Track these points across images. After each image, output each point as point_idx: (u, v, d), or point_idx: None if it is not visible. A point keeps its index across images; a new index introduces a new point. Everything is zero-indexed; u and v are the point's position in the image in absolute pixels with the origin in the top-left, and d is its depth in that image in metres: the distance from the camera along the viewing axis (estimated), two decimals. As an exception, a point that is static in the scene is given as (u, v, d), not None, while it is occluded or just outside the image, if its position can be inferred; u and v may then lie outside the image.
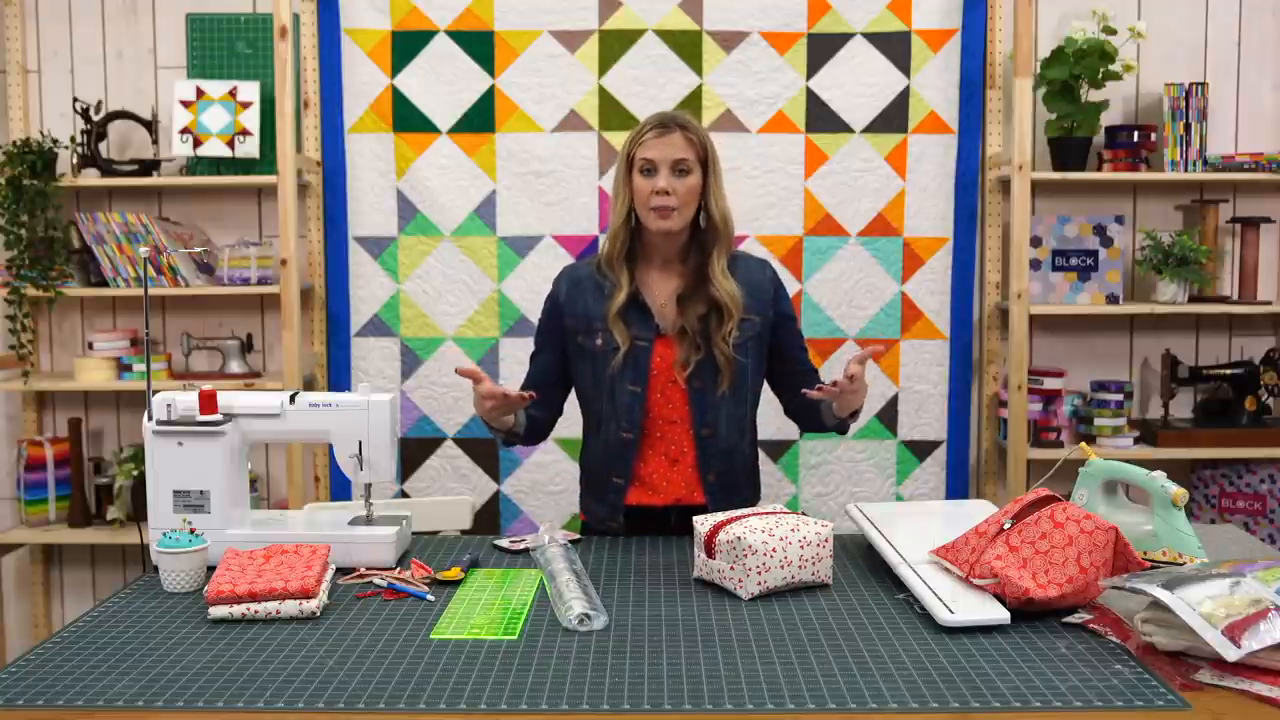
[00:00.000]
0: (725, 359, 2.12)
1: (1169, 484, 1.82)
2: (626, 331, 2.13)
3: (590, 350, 2.17)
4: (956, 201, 3.23)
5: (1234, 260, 3.33)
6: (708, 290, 2.12)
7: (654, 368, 2.15)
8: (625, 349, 2.12)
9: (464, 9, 3.17)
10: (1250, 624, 1.35)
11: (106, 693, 1.37)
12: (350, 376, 3.25)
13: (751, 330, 2.16)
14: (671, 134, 2.09)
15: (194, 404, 1.89)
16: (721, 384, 2.13)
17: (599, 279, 2.18)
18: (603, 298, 2.16)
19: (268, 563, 1.72)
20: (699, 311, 2.12)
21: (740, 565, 1.72)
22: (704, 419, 2.15)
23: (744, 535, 1.72)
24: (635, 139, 2.12)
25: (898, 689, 1.36)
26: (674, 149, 2.08)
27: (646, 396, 2.15)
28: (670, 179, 2.07)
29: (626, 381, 2.14)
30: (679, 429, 2.17)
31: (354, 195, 3.23)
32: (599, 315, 2.15)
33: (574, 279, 2.22)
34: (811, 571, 1.76)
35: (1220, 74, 3.32)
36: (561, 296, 2.21)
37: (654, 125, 2.10)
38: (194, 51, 3.26)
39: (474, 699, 1.34)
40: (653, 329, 2.15)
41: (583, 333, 2.18)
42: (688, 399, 2.15)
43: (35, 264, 3.12)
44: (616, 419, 2.16)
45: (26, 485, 3.25)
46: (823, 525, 1.79)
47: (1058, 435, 3.20)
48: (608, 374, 2.15)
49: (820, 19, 3.16)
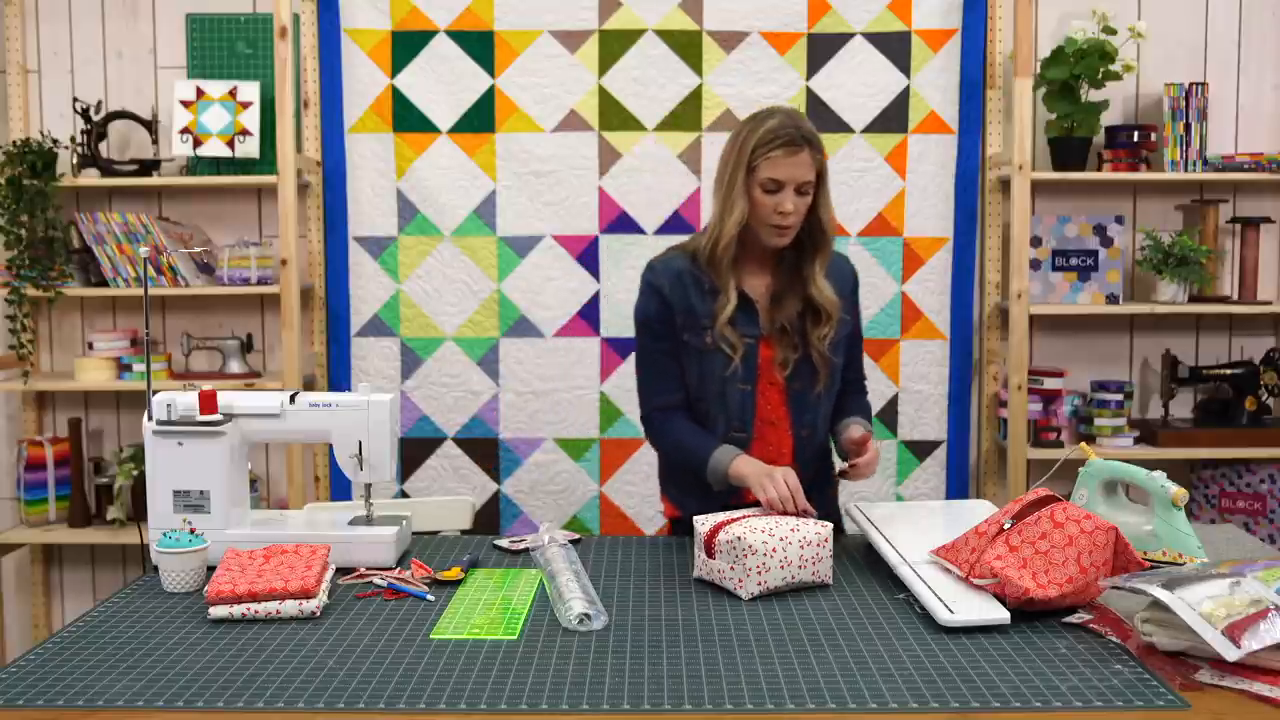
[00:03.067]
0: (822, 359, 2.09)
1: (1169, 484, 1.82)
2: (738, 334, 2.07)
3: (697, 348, 2.09)
4: (956, 201, 3.23)
5: (1234, 260, 3.34)
6: (804, 290, 2.08)
7: (760, 367, 2.10)
8: (739, 352, 2.06)
9: (464, 9, 3.17)
10: (1250, 624, 1.35)
11: (106, 693, 1.37)
12: (350, 376, 3.25)
13: (845, 330, 2.15)
14: (801, 152, 2.00)
15: (194, 404, 1.89)
16: (818, 384, 2.11)
17: (697, 273, 2.09)
18: (704, 294, 2.08)
19: (268, 563, 1.72)
20: (796, 309, 2.09)
21: (740, 565, 1.72)
22: (803, 419, 2.13)
23: (744, 535, 1.72)
24: (760, 150, 2.00)
25: (898, 689, 1.36)
26: (802, 169, 2.00)
27: (755, 396, 2.10)
28: (795, 199, 2.01)
29: (737, 380, 2.08)
30: (778, 430, 2.13)
31: (354, 195, 3.23)
32: (705, 313, 2.07)
33: (674, 273, 2.11)
34: (812, 571, 1.76)
35: (1220, 74, 3.32)
36: (667, 291, 2.10)
37: (785, 143, 1.99)
38: (194, 51, 3.27)
39: (474, 699, 1.34)
40: (758, 328, 2.10)
41: (689, 330, 2.09)
42: (786, 399, 2.12)
43: (35, 264, 3.12)
44: (727, 418, 2.10)
45: (26, 485, 3.25)
46: (822, 525, 1.79)
47: (1058, 435, 3.20)
48: (716, 373, 2.08)
49: (820, 19, 3.16)
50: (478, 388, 3.24)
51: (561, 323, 3.22)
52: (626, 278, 3.19)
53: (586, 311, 3.22)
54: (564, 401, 3.23)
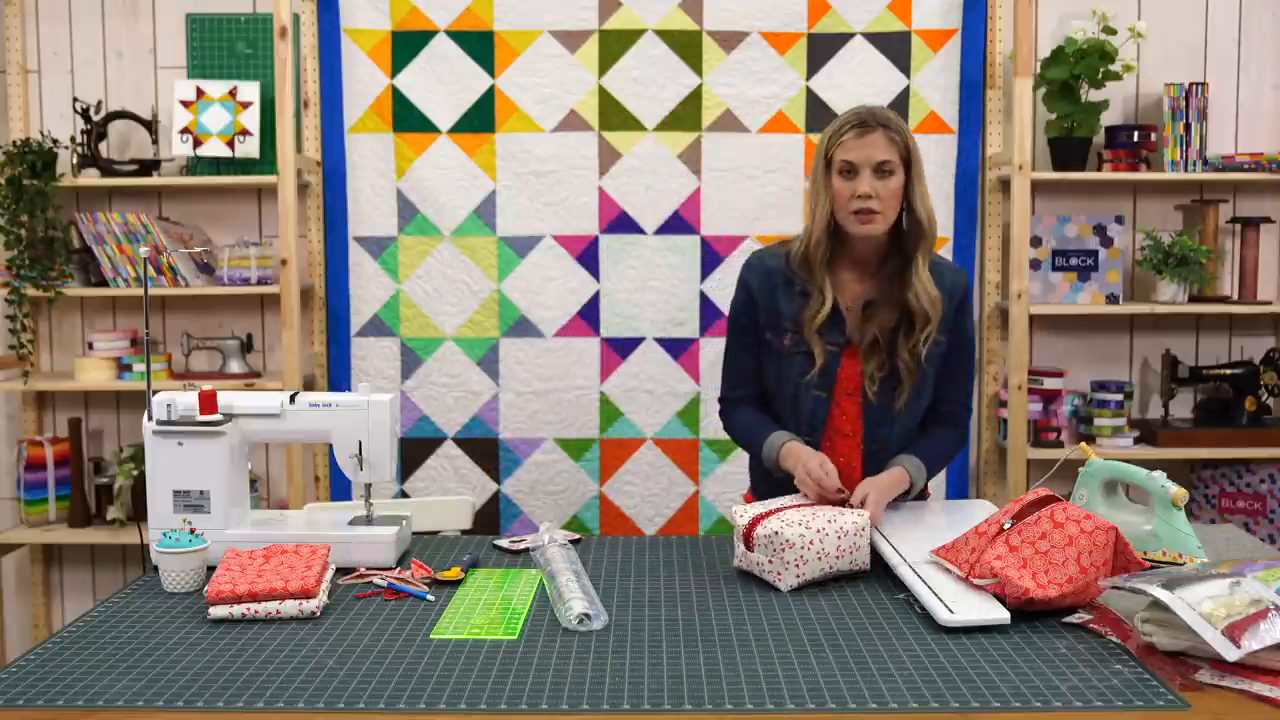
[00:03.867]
0: (908, 370, 2.01)
1: (1169, 484, 1.82)
2: (821, 340, 2.02)
3: (776, 348, 2.06)
4: (956, 201, 3.23)
5: (1234, 260, 3.33)
6: (902, 296, 2.00)
7: (839, 376, 2.04)
8: (822, 360, 2.02)
9: (464, 9, 3.17)
10: (1250, 624, 1.35)
11: (106, 693, 1.37)
12: (350, 376, 3.25)
13: (938, 349, 2.05)
14: (873, 133, 1.95)
15: (194, 404, 1.89)
16: (900, 398, 2.03)
17: (789, 273, 2.05)
18: (793, 295, 2.04)
19: (268, 563, 1.72)
20: (890, 321, 2.01)
21: (779, 559, 1.75)
22: (875, 434, 2.06)
23: (781, 530, 1.75)
24: (834, 138, 1.98)
25: (898, 689, 1.36)
26: (876, 149, 1.94)
27: (829, 403, 2.06)
28: (873, 181, 1.94)
29: (812, 387, 2.04)
30: (850, 442, 2.08)
31: (354, 195, 3.23)
32: (789, 314, 2.04)
33: (765, 271, 2.08)
34: (850, 561, 1.78)
35: (1220, 74, 3.32)
36: (755, 287, 2.08)
37: (854, 125, 1.96)
38: (194, 51, 3.27)
39: (474, 699, 1.34)
40: (843, 336, 2.04)
41: (771, 329, 2.07)
42: (862, 413, 2.06)
43: (35, 264, 3.12)
44: (798, 422, 2.07)
45: (26, 485, 3.25)
46: (859, 514, 1.81)
47: (1058, 435, 3.20)
48: (792, 376, 2.05)
49: (820, 19, 3.16)
50: (478, 388, 3.24)
51: (561, 323, 3.22)
52: (626, 278, 3.19)
53: (586, 311, 3.22)
54: (564, 401, 3.23)
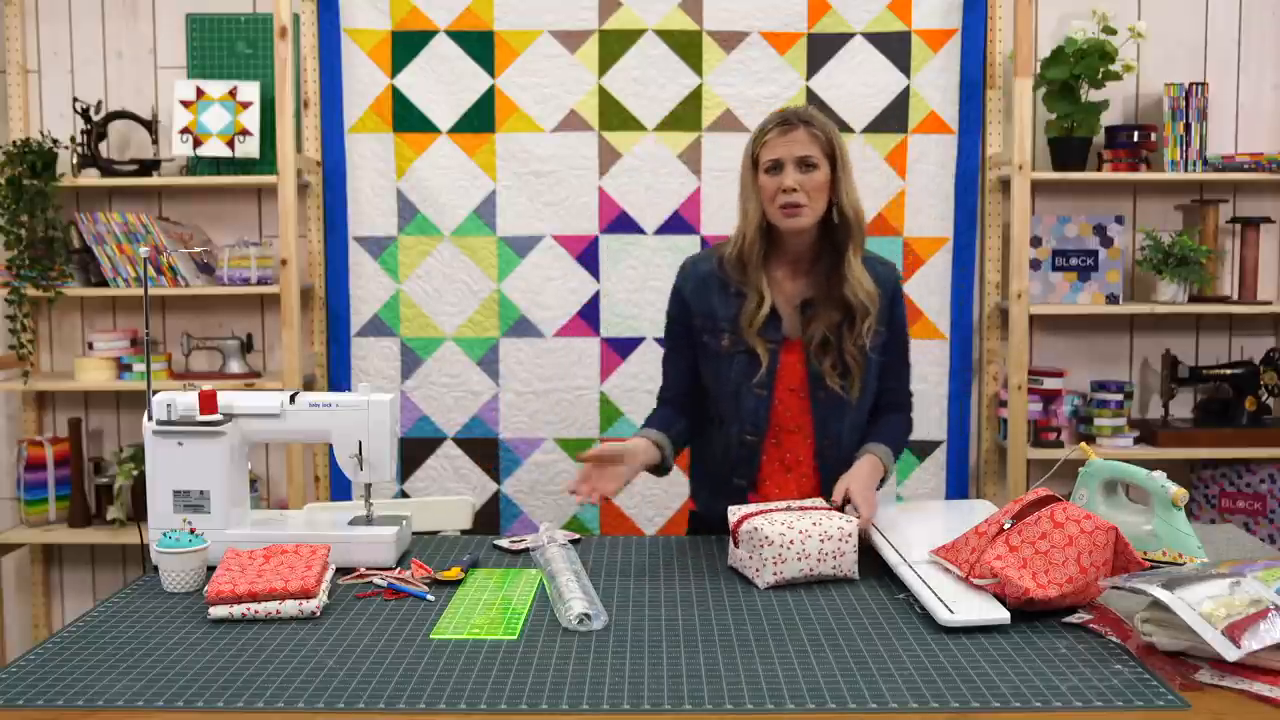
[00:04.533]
0: (856, 364, 2.06)
1: (1169, 484, 1.82)
2: (760, 338, 2.06)
3: (715, 350, 2.11)
4: (956, 201, 3.23)
5: (1234, 260, 3.34)
6: (840, 292, 2.05)
7: (779, 373, 2.10)
8: (765, 360, 2.06)
9: (464, 9, 3.17)
10: (1250, 624, 1.35)
11: (106, 693, 1.37)
12: (350, 376, 3.25)
13: (879, 340, 2.11)
14: (795, 130, 2.02)
15: (194, 404, 1.89)
16: (851, 390, 2.08)
17: (723, 276, 2.11)
18: (728, 297, 2.09)
19: (268, 563, 1.72)
20: (833, 318, 2.06)
21: (757, 555, 1.76)
22: (826, 429, 2.10)
23: (761, 526, 1.76)
24: (759, 139, 2.05)
25: (898, 689, 1.36)
26: (798, 145, 2.01)
27: (771, 401, 2.10)
28: (797, 175, 2.00)
29: (754, 385, 2.08)
30: (797, 437, 2.12)
31: (354, 195, 3.23)
32: (726, 315, 2.09)
33: (698, 276, 2.14)
34: (833, 565, 1.78)
35: (1220, 74, 3.32)
36: (687, 293, 2.14)
37: (777, 123, 2.03)
38: (194, 51, 3.27)
39: (474, 699, 1.34)
40: (780, 333, 2.09)
41: (708, 332, 2.11)
42: (810, 407, 2.10)
43: (35, 264, 3.12)
44: (740, 421, 2.10)
45: (26, 485, 3.24)
46: (847, 520, 1.81)
47: (1058, 435, 3.20)
48: (733, 375, 2.09)
49: (820, 19, 3.16)
50: (478, 388, 3.24)
51: (561, 323, 3.22)
52: (626, 278, 3.19)
53: (586, 311, 3.22)
54: (564, 401, 3.23)
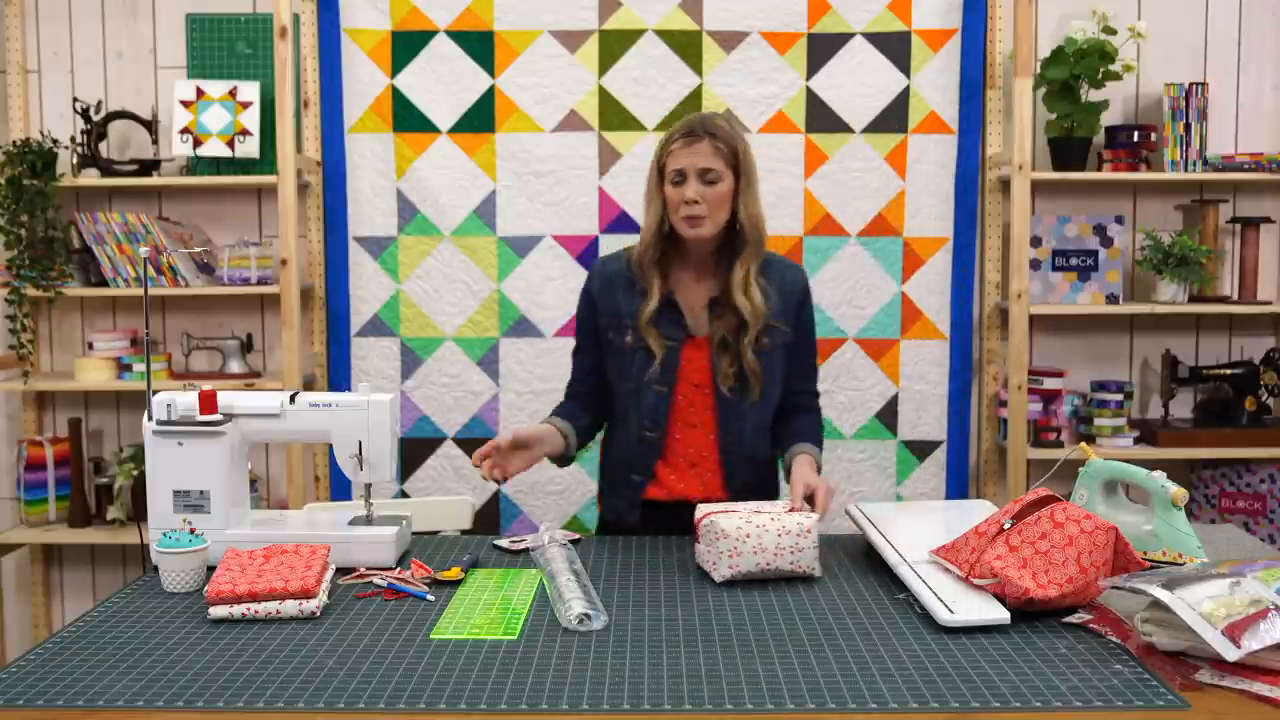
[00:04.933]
0: (752, 371, 2.11)
1: (1169, 484, 1.82)
2: (659, 335, 2.12)
3: (619, 347, 2.16)
4: (956, 201, 3.23)
5: (1234, 260, 3.34)
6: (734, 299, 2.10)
7: (681, 370, 2.14)
8: (659, 354, 2.11)
9: (464, 9, 3.17)
10: (1250, 624, 1.35)
11: (106, 693, 1.37)
12: (350, 376, 3.25)
13: (780, 339, 2.15)
14: (699, 142, 2.06)
15: (194, 404, 1.89)
16: (751, 393, 2.12)
17: (631, 275, 2.17)
18: (634, 295, 2.14)
19: (268, 563, 1.72)
20: (731, 321, 2.11)
21: (714, 548, 1.78)
22: (729, 426, 2.15)
23: (718, 519, 1.77)
24: (665, 148, 2.10)
25: (898, 689, 1.36)
26: (701, 157, 2.05)
27: (671, 398, 2.15)
28: (699, 187, 2.05)
29: (653, 381, 2.13)
30: (700, 433, 2.16)
31: (354, 195, 3.23)
32: (629, 313, 2.14)
33: (606, 276, 2.20)
34: (790, 561, 1.77)
35: (1220, 74, 3.32)
36: (595, 291, 2.21)
37: (683, 134, 2.08)
38: (194, 51, 3.27)
39: (474, 699, 1.34)
40: (683, 331, 2.14)
41: (613, 329, 2.17)
42: (713, 404, 2.14)
43: (35, 264, 3.12)
44: (640, 417, 2.16)
45: (26, 485, 3.25)
46: (806, 516, 1.81)
47: (1058, 435, 3.20)
48: (634, 372, 2.14)
49: (820, 19, 3.16)
50: (478, 388, 3.24)
51: (561, 323, 3.22)
52: (626, 278, 3.19)
53: (586, 311, 3.22)
54: (564, 401, 3.23)
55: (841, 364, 3.23)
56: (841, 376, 3.23)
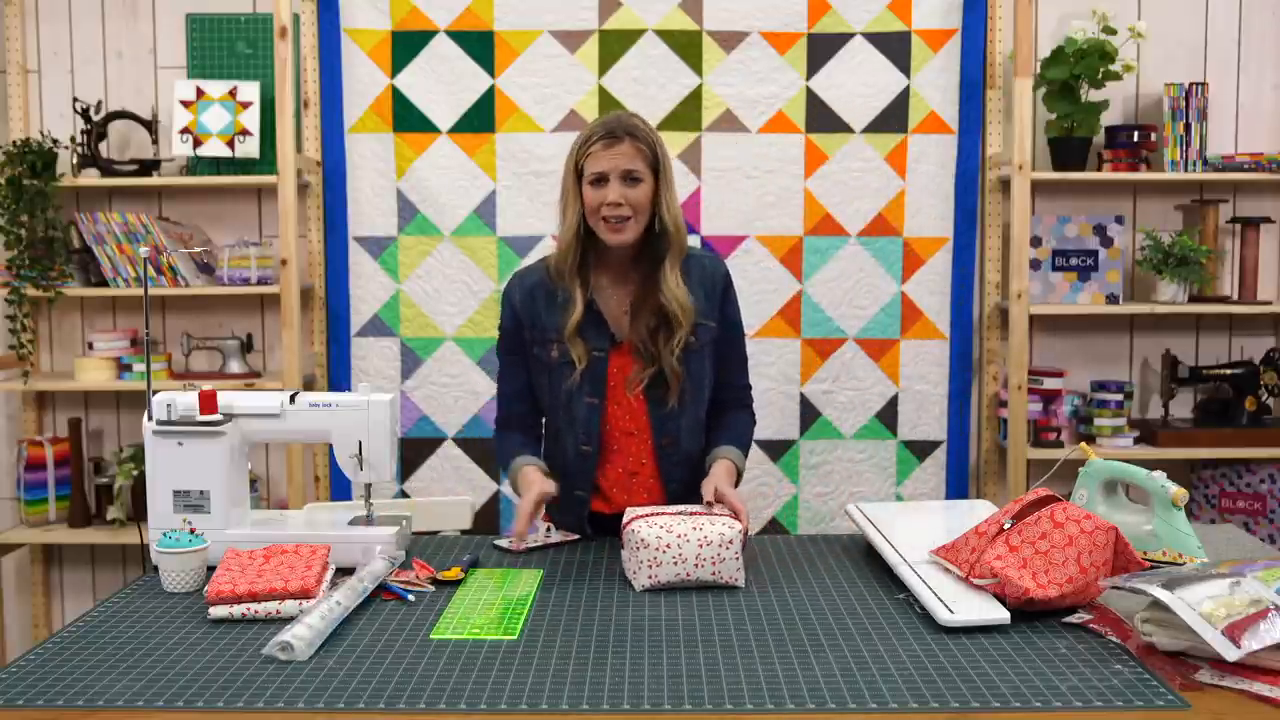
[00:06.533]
0: (674, 373, 2.04)
1: (1169, 484, 1.82)
2: (584, 346, 2.05)
3: (545, 361, 2.09)
4: (956, 201, 3.23)
5: (1234, 260, 3.33)
6: (657, 300, 2.04)
7: (610, 379, 2.08)
8: (583, 365, 2.05)
9: (464, 9, 3.17)
10: (1250, 624, 1.35)
11: (106, 693, 1.37)
12: (350, 376, 3.25)
13: (708, 335, 2.10)
14: (620, 143, 1.99)
15: (194, 404, 1.89)
16: (673, 395, 2.06)
17: (550, 286, 2.09)
18: (555, 307, 2.07)
19: (268, 563, 1.72)
20: (649, 324, 2.04)
21: (634, 557, 1.77)
22: (663, 429, 2.09)
23: (638, 529, 1.76)
24: (583, 149, 2.02)
25: (898, 689, 1.36)
26: (623, 159, 1.98)
27: (604, 409, 2.08)
28: (622, 189, 1.98)
29: (584, 394, 2.07)
30: (637, 440, 2.11)
31: (354, 195, 3.23)
32: (553, 326, 2.07)
33: (526, 289, 2.12)
34: (711, 571, 1.75)
35: (1220, 74, 3.32)
36: (518, 305, 2.11)
37: (602, 135, 2.00)
38: (194, 51, 3.27)
39: (474, 699, 1.34)
40: (608, 340, 2.07)
41: (539, 344, 2.09)
42: (646, 409, 2.09)
43: (35, 264, 3.12)
44: (574, 432, 2.09)
45: (26, 485, 3.24)
46: (729, 526, 1.78)
47: (1058, 435, 3.20)
48: (564, 386, 2.07)
49: (820, 19, 3.16)
50: (478, 388, 3.24)
51: (561, 323, 3.21)
52: (626, 278, 3.19)
53: (586, 311, 3.22)
54: (564, 401, 3.23)
55: (841, 364, 3.23)
56: (841, 376, 3.23)
